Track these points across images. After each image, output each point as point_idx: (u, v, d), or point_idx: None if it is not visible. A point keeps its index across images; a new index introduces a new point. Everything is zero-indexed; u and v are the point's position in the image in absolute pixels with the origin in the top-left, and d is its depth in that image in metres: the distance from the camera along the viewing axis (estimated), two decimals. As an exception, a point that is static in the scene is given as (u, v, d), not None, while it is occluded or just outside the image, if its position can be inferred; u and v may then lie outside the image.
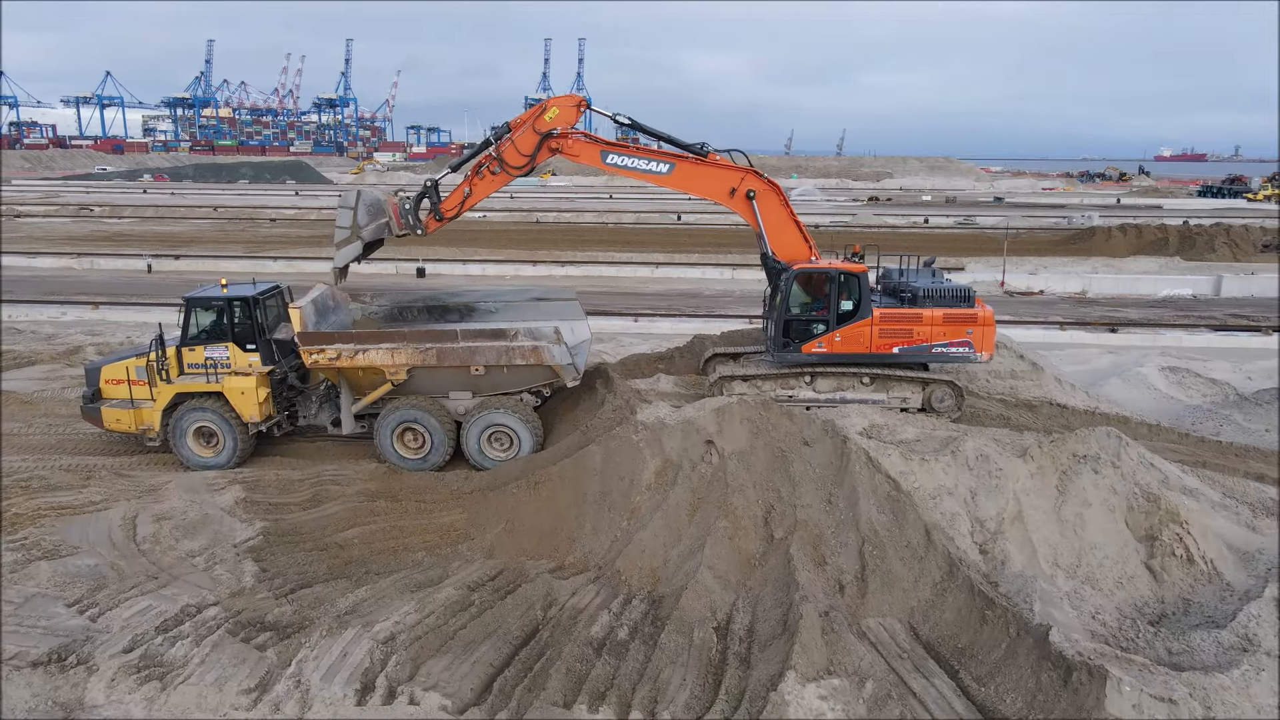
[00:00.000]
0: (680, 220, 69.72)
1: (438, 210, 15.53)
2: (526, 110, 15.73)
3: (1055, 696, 9.39)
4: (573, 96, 15.86)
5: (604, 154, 15.70)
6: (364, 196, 15.45)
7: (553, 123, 15.44)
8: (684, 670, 10.13)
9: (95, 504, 13.98)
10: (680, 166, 15.45)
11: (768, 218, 15.45)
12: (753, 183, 15.42)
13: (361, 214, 15.37)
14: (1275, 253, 49.47)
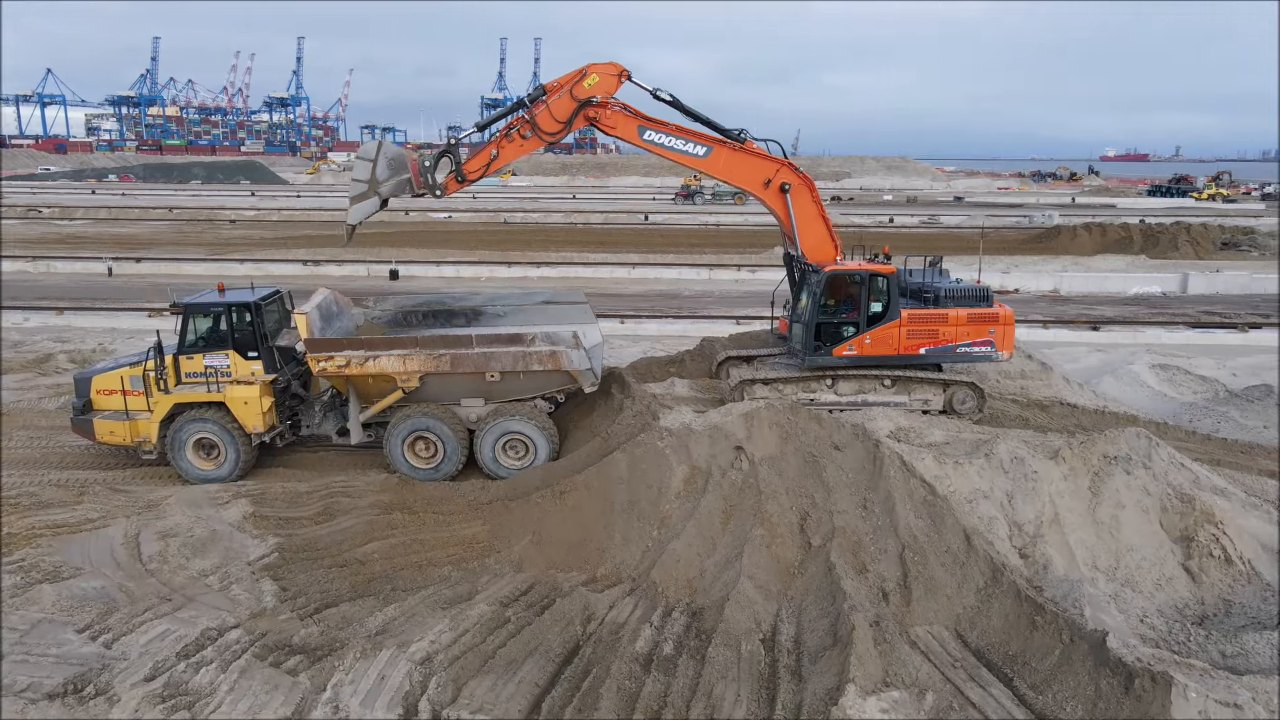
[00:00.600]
0: (647, 220, 69.48)
1: (460, 171, 14.61)
2: (564, 74, 14.81)
3: (1117, 704, 9.25)
4: (614, 65, 14.83)
5: (641, 129, 15.02)
6: (385, 149, 14.55)
7: (591, 90, 14.64)
8: (737, 685, 9.85)
9: (92, 521, 13.31)
10: (718, 151, 15.02)
11: (799, 214, 15.18)
12: (788, 176, 15.15)
13: (381, 167, 14.45)
14: (1233, 250, 50.65)
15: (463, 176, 14.63)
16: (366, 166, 14.40)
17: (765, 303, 35.62)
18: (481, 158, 14.82)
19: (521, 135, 14.55)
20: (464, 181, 14.64)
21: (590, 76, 14.56)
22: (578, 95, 14.60)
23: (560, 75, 14.87)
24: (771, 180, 15.08)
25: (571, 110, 14.59)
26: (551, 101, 14.55)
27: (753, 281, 40.89)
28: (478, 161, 14.82)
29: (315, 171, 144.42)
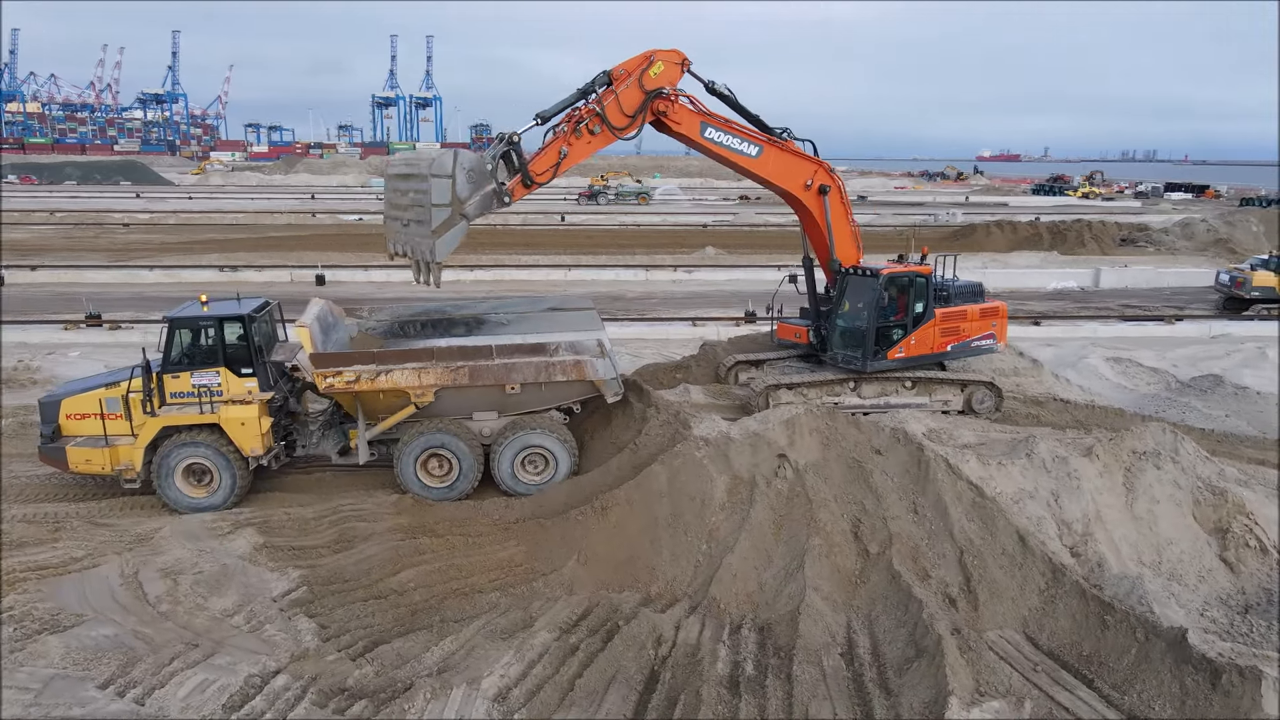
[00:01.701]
0: (564, 221, 68.81)
1: (526, 174, 12.91)
2: (628, 60, 13.42)
3: (1205, 700, 9.32)
4: (676, 52, 13.66)
5: (704, 126, 14.07)
6: (461, 160, 12.34)
7: (659, 79, 13.42)
8: (830, 704, 9.56)
9: (79, 560, 12.04)
10: (768, 151, 14.43)
11: (835, 216, 14.91)
12: (825, 178, 14.85)
13: (461, 183, 12.27)
14: (1131, 245, 53.41)
15: (530, 179, 13.00)
16: (445, 186, 12.15)
17: (710, 303, 35.84)
18: (549, 156, 13.25)
19: (590, 130, 13.14)
20: (531, 185, 13.04)
21: (656, 64, 13.34)
22: (646, 85, 13.34)
23: (623, 61, 13.64)
24: (812, 182, 14.74)
25: (640, 102, 13.35)
26: (621, 91, 13.19)
27: (690, 282, 40.87)
28: (545, 161, 13.25)
29: (201, 172, 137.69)
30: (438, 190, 11.77)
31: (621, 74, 13.23)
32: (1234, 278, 34.14)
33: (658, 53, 13.36)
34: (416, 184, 12.01)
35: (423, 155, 11.96)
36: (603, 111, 12.93)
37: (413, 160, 12.07)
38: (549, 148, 12.97)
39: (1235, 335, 29.74)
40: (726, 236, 56.04)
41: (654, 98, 13.30)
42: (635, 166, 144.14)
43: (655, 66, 13.24)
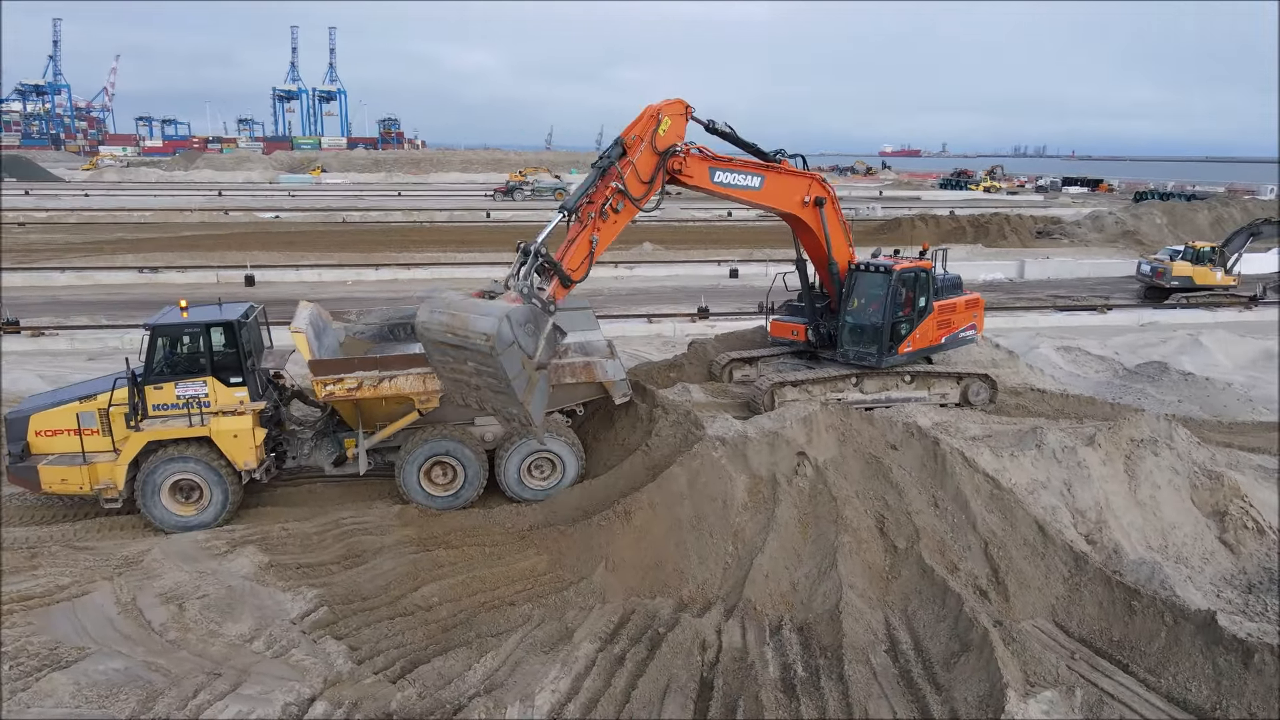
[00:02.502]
0: (490, 218, 67.77)
1: (564, 276, 11.76)
2: (633, 124, 12.66)
3: (1240, 680, 9.63)
4: (678, 103, 13.05)
5: (713, 172, 13.51)
6: (515, 318, 10.66)
7: (668, 137, 12.69)
8: (886, 702, 9.54)
9: (64, 588, 11.17)
10: (769, 179, 14.08)
11: (832, 224, 14.88)
12: (819, 190, 14.74)
13: (527, 343, 10.79)
14: (1047, 238, 55.50)
15: (569, 280, 11.95)
16: (514, 356, 10.68)
17: (659, 299, 35.78)
18: (581, 249, 12.02)
19: (614, 209, 12.19)
20: (570, 286, 12.08)
21: (663, 121, 12.60)
22: (659, 146, 12.62)
23: (627, 126, 12.76)
24: (809, 198, 14.62)
25: (655, 165, 12.61)
26: (637, 160, 12.38)
27: (631, 279, 40.68)
28: (578, 256, 12.05)
29: (94, 168, 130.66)
30: (510, 364, 10.47)
31: (634, 140, 12.35)
32: (1155, 268, 35.78)
33: (661, 109, 12.69)
34: (478, 360, 10.61)
35: (462, 317, 10.55)
36: (625, 187, 12.12)
37: (455, 327, 10.57)
38: (579, 240, 11.88)
39: (1164, 323, 31.19)
40: (660, 232, 55.96)
41: (668, 158, 12.70)
42: (552, 162, 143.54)
43: (663, 124, 12.61)
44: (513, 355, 10.32)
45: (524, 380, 10.63)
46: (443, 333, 10.77)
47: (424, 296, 11.61)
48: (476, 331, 10.36)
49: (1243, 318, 32.05)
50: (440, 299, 11.03)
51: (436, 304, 10.97)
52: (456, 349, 10.81)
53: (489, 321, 10.30)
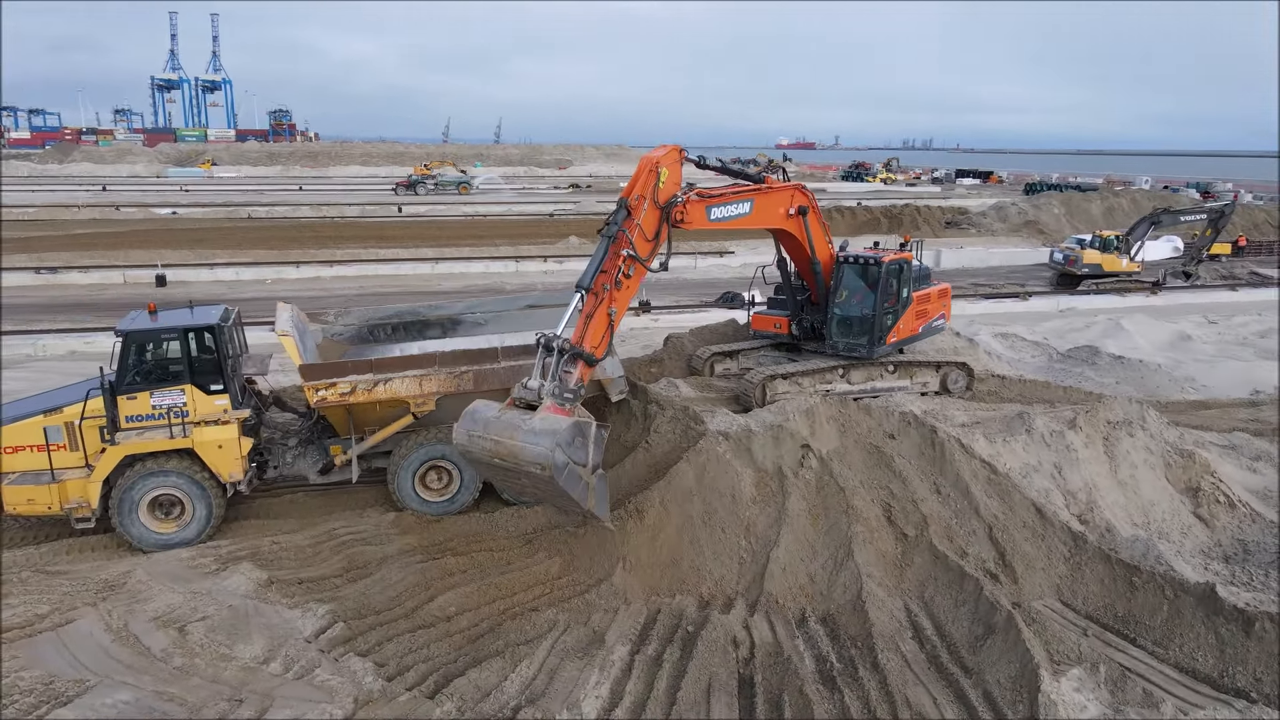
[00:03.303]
0: (401, 212, 66.17)
1: (589, 358, 11.14)
2: (631, 180, 12.11)
3: (1242, 648, 10.14)
4: (673, 150, 12.59)
5: (709, 211, 13.22)
6: (560, 438, 10.03)
7: (668, 188, 12.19)
8: (922, 689, 9.70)
9: (44, 617, 10.38)
10: (757, 201, 13.89)
11: (815, 230, 14.95)
12: (801, 199, 14.72)
13: (579, 454, 10.32)
14: (955, 228, 57.52)
15: (593, 361, 11.40)
16: (574, 476, 10.17)
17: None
18: (599, 326, 11.40)
19: (626, 275, 11.75)
20: (594, 365, 11.55)
21: (662, 172, 12.10)
22: (661, 201, 12.18)
23: (627, 185, 12.19)
24: (792, 210, 14.62)
25: (659, 220, 12.17)
26: (642, 220, 11.90)
27: (562, 273, 40.24)
28: (597, 334, 11.39)
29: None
30: (570, 485, 10.08)
31: (638, 200, 11.88)
32: (1067, 256, 37.46)
33: (659, 160, 12.15)
34: (536, 483, 10.23)
35: (509, 445, 10.03)
36: (636, 251, 11.72)
37: (502, 454, 10.07)
38: (597, 316, 11.26)
39: (1080, 309, 32.67)
40: (581, 225, 55.54)
41: (670, 209, 12.28)
42: (457, 155, 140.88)
43: (662, 175, 12.16)
44: (571, 475, 9.99)
45: (584, 489, 10.28)
46: (489, 457, 10.31)
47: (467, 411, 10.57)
48: (529, 461, 9.97)
49: (1150, 302, 33.84)
50: (478, 419, 10.42)
51: (475, 426, 10.38)
52: (509, 471, 10.44)
53: (541, 451, 9.85)
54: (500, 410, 10.40)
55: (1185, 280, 37.29)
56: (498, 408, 10.48)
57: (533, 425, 10.04)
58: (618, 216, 11.68)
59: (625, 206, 11.74)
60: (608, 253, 11.40)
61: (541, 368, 10.62)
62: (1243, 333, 28.81)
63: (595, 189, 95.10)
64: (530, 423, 10.08)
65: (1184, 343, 27.11)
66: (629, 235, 11.54)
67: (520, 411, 10.36)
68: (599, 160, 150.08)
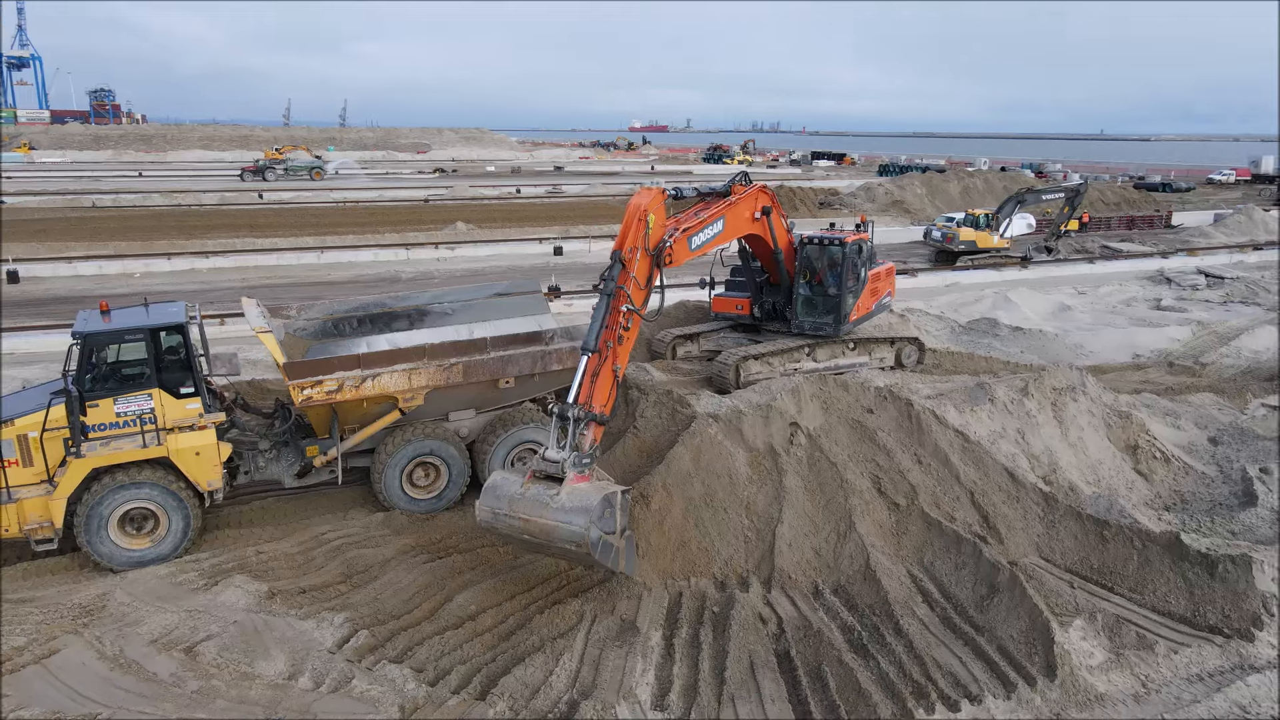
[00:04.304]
0: (263, 199, 62.94)
1: (600, 417, 10.74)
2: (621, 231, 11.78)
3: (1208, 588, 11.15)
4: (656, 193, 12.30)
5: (690, 241, 13.08)
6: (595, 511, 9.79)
7: (656, 233, 11.95)
8: (945, 649, 10.17)
9: (22, 649, 9.48)
10: (728, 216, 13.87)
11: (778, 227, 15.16)
12: (765, 199, 14.86)
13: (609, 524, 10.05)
14: (828, 209, 59.59)
15: (604, 420, 10.98)
16: (608, 546, 10.00)
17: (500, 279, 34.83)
18: (604, 384, 10.94)
19: (624, 327, 11.41)
20: (605, 424, 11.15)
21: (649, 218, 11.75)
22: (651, 248, 11.89)
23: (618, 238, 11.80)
24: (758, 214, 14.77)
25: (650, 266, 11.93)
26: (636, 271, 11.59)
27: (455, 260, 39.43)
28: (604, 391, 10.94)
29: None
30: (604, 556, 9.93)
31: (632, 252, 11.57)
32: (944, 234, 39.51)
33: (646, 206, 11.79)
34: (572, 553, 10.05)
35: (539, 524, 9.81)
36: (634, 304, 11.47)
37: (533, 533, 9.89)
38: (602, 375, 10.87)
39: (964, 284, 34.61)
40: (466, 211, 54.31)
41: (659, 254, 12.06)
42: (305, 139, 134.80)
43: (649, 221, 11.88)
44: (605, 547, 9.84)
45: (615, 556, 10.14)
46: (517, 534, 10.06)
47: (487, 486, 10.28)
48: (563, 539, 9.76)
49: (1023, 275, 36.19)
50: (502, 496, 10.10)
51: (500, 504, 10.06)
52: (541, 547, 10.20)
53: (575, 530, 9.65)
54: (523, 485, 10.10)
55: (1048, 255, 40.03)
56: (519, 481, 10.16)
57: (562, 503, 9.80)
58: (613, 272, 11.29)
59: (620, 260, 11.39)
60: (609, 310, 11.06)
61: (557, 436, 10.30)
62: (1110, 301, 31.31)
63: (462, 173, 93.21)
64: (559, 500, 9.83)
65: (1065, 312, 29.22)
66: (627, 290, 11.24)
67: (544, 485, 10.06)
68: (458, 144, 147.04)
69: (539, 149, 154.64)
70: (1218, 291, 32.95)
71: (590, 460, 10.43)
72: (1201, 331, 26.20)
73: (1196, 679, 9.99)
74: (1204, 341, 25.31)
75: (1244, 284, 33.82)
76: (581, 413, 10.27)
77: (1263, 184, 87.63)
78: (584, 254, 40.97)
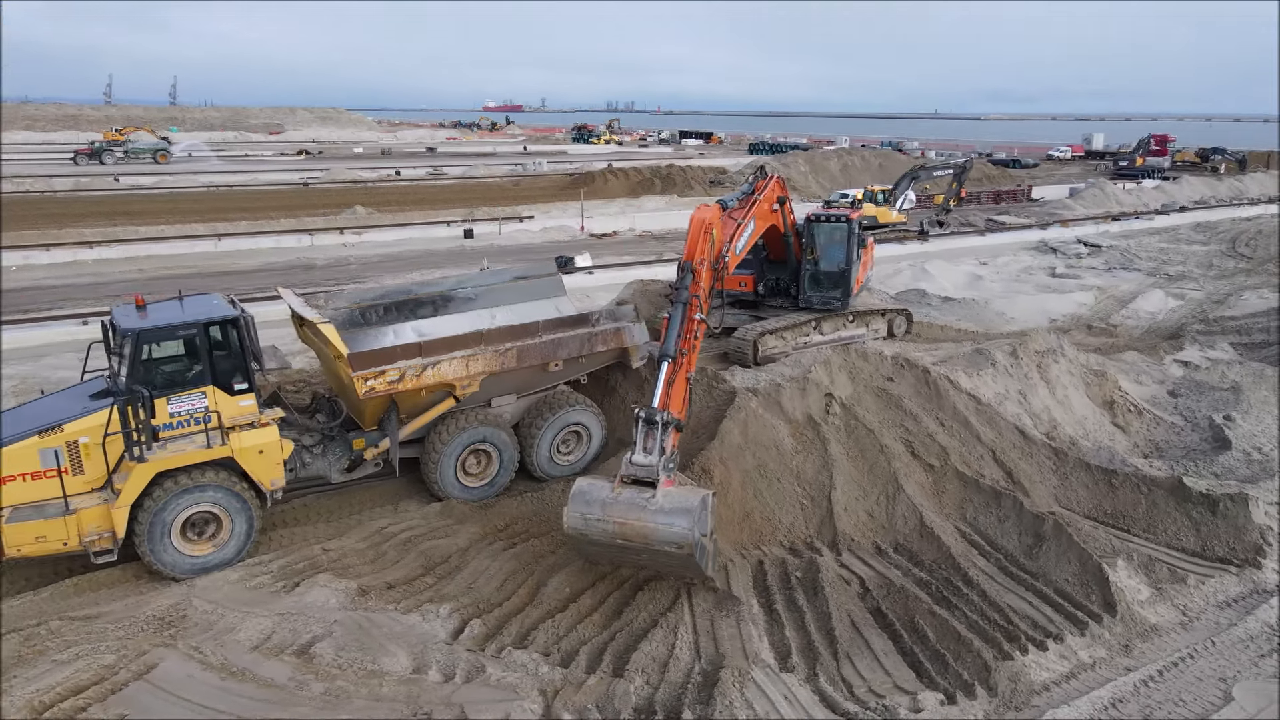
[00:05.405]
0: (119, 181, 58.82)
1: (679, 424, 10.87)
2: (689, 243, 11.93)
3: (1211, 526, 12.41)
4: (715, 208, 12.59)
5: (736, 247, 13.51)
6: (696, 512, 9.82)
7: (718, 242, 12.27)
8: (1013, 595, 10.96)
9: (112, 666, 8.91)
10: (755, 216, 14.31)
11: (788, 213, 15.69)
12: (780, 191, 15.32)
13: (704, 525, 10.01)
14: (719, 186, 60.81)
15: (681, 426, 11.08)
16: (704, 549, 10.01)
17: (423, 264, 33.96)
18: (680, 391, 11.04)
19: (695, 337, 11.57)
20: (682, 429, 11.20)
21: (712, 230, 12.06)
22: (713, 257, 12.15)
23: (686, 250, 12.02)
24: (777, 206, 15.24)
25: (712, 277, 12.14)
26: (703, 279, 11.84)
27: (364, 245, 38.14)
28: (680, 397, 11.08)
29: None
30: (701, 556, 9.90)
31: (700, 264, 11.82)
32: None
33: (708, 220, 12.05)
34: (660, 558, 10.09)
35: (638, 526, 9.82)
36: (705, 315, 11.75)
37: (630, 536, 9.88)
38: (678, 383, 11.01)
39: (879, 256, 36.10)
40: (359, 195, 52.33)
41: (720, 264, 12.43)
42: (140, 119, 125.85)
43: (714, 235, 12.22)
44: (702, 549, 9.88)
45: (707, 558, 10.15)
46: (610, 539, 9.98)
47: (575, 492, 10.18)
48: (664, 542, 9.77)
49: (926, 248, 38.12)
50: (593, 501, 10.04)
51: (592, 510, 9.98)
52: (626, 549, 10.12)
53: (679, 532, 9.69)
54: (613, 490, 10.10)
55: (940, 228, 42.32)
56: (607, 487, 10.15)
57: (661, 505, 9.88)
58: (685, 281, 11.58)
59: (690, 270, 11.67)
60: (685, 319, 11.25)
61: (645, 440, 10.36)
62: (1012, 270, 33.49)
63: (329, 155, 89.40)
64: (656, 503, 9.90)
65: (978, 282, 31.06)
66: (700, 299, 11.55)
67: (636, 490, 10.09)
68: (314, 125, 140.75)
69: (399, 129, 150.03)
70: (1098, 259, 35.76)
71: (674, 467, 10.60)
72: (1102, 296, 28.48)
73: (1226, 605, 11.12)
74: (1106, 305, 27.55)
75: (1119, 251, 36.85)
76: (668, 417, 10.41)
77: (1095, 159, 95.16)
78: (495, 236, 40.40)
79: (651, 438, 10.28)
